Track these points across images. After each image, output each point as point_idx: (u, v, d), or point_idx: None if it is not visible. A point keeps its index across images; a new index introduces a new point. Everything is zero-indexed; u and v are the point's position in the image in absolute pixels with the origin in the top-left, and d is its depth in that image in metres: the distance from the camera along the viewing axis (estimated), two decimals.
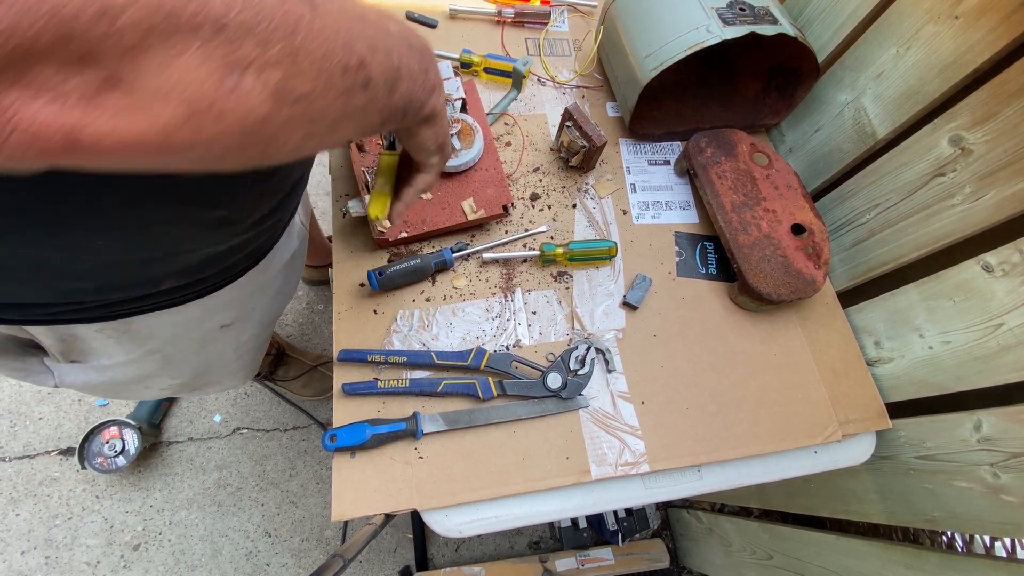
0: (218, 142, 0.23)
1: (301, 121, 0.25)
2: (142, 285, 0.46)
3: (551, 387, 0.61)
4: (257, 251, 0.56)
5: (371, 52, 0.28)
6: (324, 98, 0.26)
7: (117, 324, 0.50)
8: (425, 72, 0.35)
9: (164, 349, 0.59)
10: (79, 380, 0.59)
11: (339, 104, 0.27)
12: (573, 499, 0.60)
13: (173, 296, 0.50)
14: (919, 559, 0.65)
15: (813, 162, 0.76)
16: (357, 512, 0.55)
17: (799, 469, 0.64)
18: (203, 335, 0.61)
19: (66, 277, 0.41)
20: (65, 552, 1.17)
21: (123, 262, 0.41)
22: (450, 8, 0.85)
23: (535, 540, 1.28)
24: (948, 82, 0.56)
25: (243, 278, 0.56)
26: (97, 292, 0.44)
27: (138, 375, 0.61)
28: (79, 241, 0.37)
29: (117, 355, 0.56)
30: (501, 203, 0.68)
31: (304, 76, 0.24)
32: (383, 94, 0.31)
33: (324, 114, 0.27)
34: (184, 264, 0.46)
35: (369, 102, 0.30)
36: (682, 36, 0.65)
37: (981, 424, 0.56)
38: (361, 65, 0.27)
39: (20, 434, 1.25)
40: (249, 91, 0.22)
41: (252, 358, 0.78)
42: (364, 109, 0.30)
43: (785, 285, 0.65)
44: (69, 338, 0.51)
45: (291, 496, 1.26)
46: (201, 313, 0.56)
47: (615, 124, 0.81)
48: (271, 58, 0.22)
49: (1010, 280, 0.51)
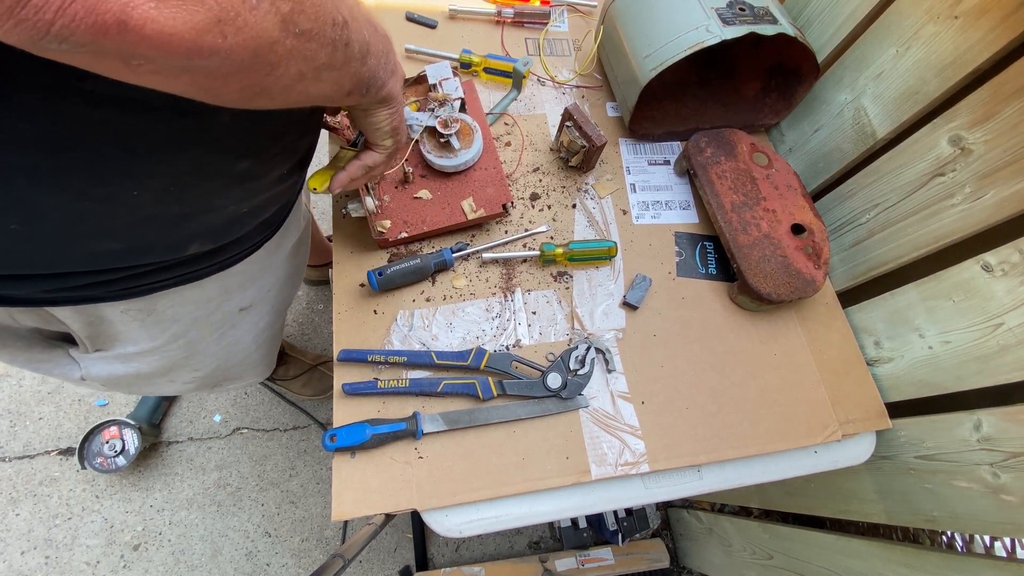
0: (235, 54, 0.26)
1: (299, 56, 0.30)
2: (170, 248, 0.47)
3: (551, 387, 0.61)
4: (272, 220, 0.58)
5: (351, 18, 0.34)
6: (318, 40, 0.31)
7: (143, 303, 0.51)
8: (387, 55, 0.41)
9: (188, 334, 0.60)
10: (105, 372, 0.60)
11: (327, 52, 0.32)
12: (573, 499, 0.60)
13: (196, 268, 0.51)
14: (919, 559, 0.65)
15: (813, 162, 0.76)
16: (357, 512, 0.55)
17: (799, 469, 0.64)
18: (223, 318, 0.62)
19: (100, 235, 0.41)
20: (65, 552, 1.17)
21: (155, 216, 0.42)
22: (450, 8, 0.85)
23: (535, 540, 1.28)
24: (948, 82, 0.56)
25: (258, 252, 0.58)
26: (128, 254, 0.45)
27: (163, 366, 0.62)
28: (115, 190, 0.38)
29: (142, 341, 0.57)
30: (501, 202, 0.68)
31: (306, 15, 0.29)
32: (357, 59, 0.36)
33: (316, 56, 0.31)
34: (210, 223, 0.48)
35: (347, 60, 0.35)
36: (682, 36, 0.65)
37: (981, 424, 0.56)
38: (345, 24, 0.33)
39: (20, 434, 1.25)
40: (266, 12, 0.26)
41: (269, 349, 0.79)
42: (343, 66, 0.35)
43: (785, 285, 0.65)
44: (96, 320, 0.52)
45: (291, 496, 1.26)
46: (221, 291, 0.57)
47: (615, 124, 0.81)
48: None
49: (1010, 280, 0.51)
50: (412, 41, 0.80)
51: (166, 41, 0.24)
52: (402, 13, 0.84)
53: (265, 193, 0.51)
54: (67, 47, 0.22)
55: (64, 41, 0.22)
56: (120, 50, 0.23)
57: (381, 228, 0.65)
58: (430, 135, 0.68)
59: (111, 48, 0.23)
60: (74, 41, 0.22)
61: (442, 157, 0.67)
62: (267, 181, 0.49)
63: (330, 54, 0.33)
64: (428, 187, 0.68)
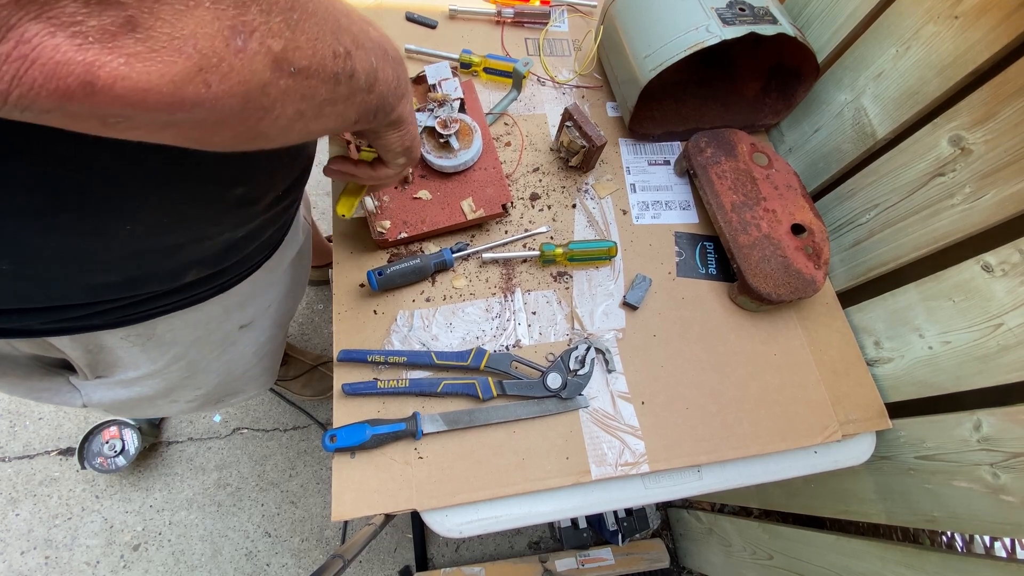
0: (222, 102, 0.24)
1: (296, 96, 0.27)
2: (167, 277, 0.47)
3: (551, 387, 0.61)
4: (269, 242, 0.57)
5: (355, 47, 0.31)
6: (317, 76, 0.28)
7: (142, 329, 0.51)
8: (397, 79, 0.39)
9: (188, 355, 0.59)
10: (107, 397, 0.59)
11: (328, 87, 0.30)
12: (573, 499, 0.60)
13: (195, 292, 0.51)
14: (919, 559, 0.65)
15: (813, 162, 0.76)
16: (357, 512, 0.55)
17: (799, 469, 0.64)
18: (224, 337, 0.62)
19: (95, 270, 0.41)
20: (65, 552, 1.17)
21: (150, 249, 0.42)
22: (450, 8, 0.85)
23: (535, 540, 1.28)
24: (948, 82, 0.56)
25: (257, 272, 0.57)
26: (124, 287, 0.44)
27: (164, 387, 0.62)
28: (107, 225, 0.37)
29: (143, 365, 0.56)
30: (500, 202, 0.68)
31: (302, 51, 0.26)
32: (363, 89, 0.33)
33: (315, 93, 0.29)
34: (207, 251, 0.47)
35: (351, 93, 0.32)
36: (682, 36, 0.65)
37: (981, 424, 0.56)
38: (348, 55, 0.30)
39: (20, 434, 1.25)
40: (254, 54, 0.24)
41: (271, 362, 0.79)
42: (347, 99, 0.32)
43: (785, 285, 0.65)
44: (95, 348, 0.52)
45: (291, 496, 1.26)
46: (221, 312, 0.57)
47: (615, 124, 0.81)
48: (273, 28, 0.24)
49: (1010, 280, 0.51)
50: (412, 41, 0.80)
51: (142, 97, 0.21)
52: (402, 13, 0.84)
53: (261, 217, 0.50)
54: (31, 114, 0.20)
55: (26, 109, 0.19)
56: (92, 111, 0.21)
57: (381, 228, 0.65)
58: (429, 135, 0.68)
59: (82, 111, 0.21)
60: (38, 108, 0.20)
61: (441, 157, 0.67)
62: (263, 205, 0.49)
63: (332, 89, 0.30)
64: (428, 187, 0.68)
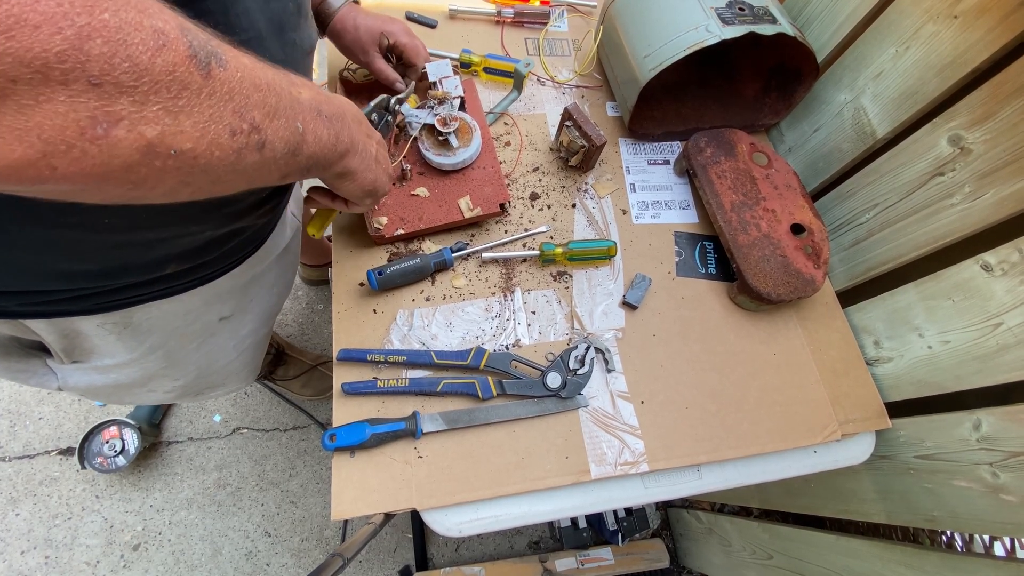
0: (75, 180, 0.23)
1: (179, 172, 0.27)
2: (147, 268, 0.47)
3: (551, 387, 0.61)
4: (255, 237, 0.57)
5: (268, 118, 0.30)
6: (208, 156, 0.27)
7: (118, 316, 0.51)
8: (335, 137, 0.38)
9: (166, 344, 0.59)
10: (82, 382, 0.59)
11: (227, 162, 0.29)
12: (572, 499, 0.60)
13: (175, 283, 0.51)
14: (919, 559, 0.65)
15: (813, 162, 0.76)
16: (357, 512, 0.55)
17: (799, 469, 0.64)
18: (203, 328, 0.61)
19: (73, 259, 0.41)
20: (65, 552, 1.17)
21: (129, 243, 0.42)
22: (450, 8, 0.85)
23: (535, 540, 1.28)
24: (947, 82, 0.56)
25: (241, 266, 0.57)
26: (101, 276, 0.44)
27: (141, 376, 0.62)
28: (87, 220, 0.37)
29: (119, 353, 0.56)
30: (498, 201, 0.68)
31: (186, 135, 0.25)
32: (283, 156, 0.33)
33: (207, 169, 0.28)
34: (187, 246, 0.47)
35: (265, 162, 0.32)
36: (681, 36, 0.65)
37: (980, 423, 0.56)
38: (254, 130, 0.29)
39: (20, 434, 1.25)
40: (117, 141, 0.23)
41: (252, 356, 0.78)
42: (259, 166, 0.31)
43: (784, 285, 0.65)
44: (71, 334, 0.51)
45: (291, 496, 1.26)
46: (201, 303, 0.56)
47: (615, 124, 0.81)
48: (148, 116, 0.24)
49: (1009, 279, 0.51)
50: None
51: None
52: (402, 13, 0.84)
53: (244, 217, 0.50)
54: None
55: None
56: None
57: (378, 224, 0.65)
58: (429, 133, 0.68)
59: None
60: None
61: (440, 155, 0.67)
62: (246, 205, 0.49)
63: (234, 162, 0.29)
64: (426, 184, 0.68)
